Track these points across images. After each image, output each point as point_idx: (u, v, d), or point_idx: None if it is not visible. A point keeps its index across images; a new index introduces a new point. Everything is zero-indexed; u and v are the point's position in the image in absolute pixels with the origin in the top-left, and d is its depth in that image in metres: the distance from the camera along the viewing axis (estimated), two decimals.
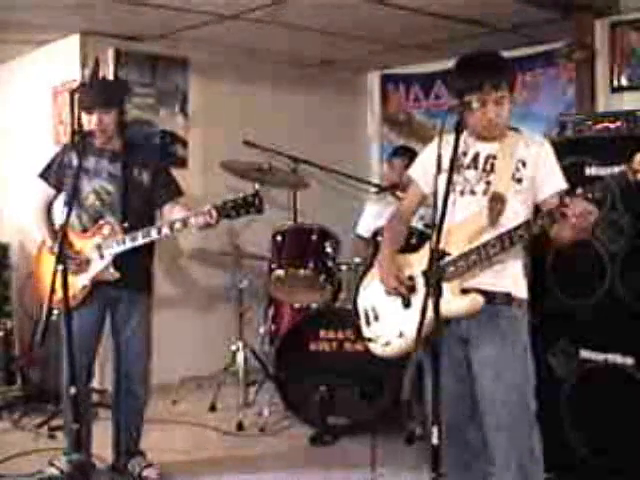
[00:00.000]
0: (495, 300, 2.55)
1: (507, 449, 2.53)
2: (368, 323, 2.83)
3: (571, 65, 4.65)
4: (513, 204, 2.55)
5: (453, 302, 2.54)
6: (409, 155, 4.87)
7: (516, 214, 2.55)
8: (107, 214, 3.40)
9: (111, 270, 3.37)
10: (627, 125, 3.25)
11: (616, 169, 3.22)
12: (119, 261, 3.36)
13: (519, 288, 2.62)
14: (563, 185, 2.60)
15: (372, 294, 2.83)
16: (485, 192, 2.58)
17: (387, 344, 2.71)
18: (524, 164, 2.58)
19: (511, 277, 2.60)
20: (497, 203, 2.53)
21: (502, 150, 2.60)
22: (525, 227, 2.46)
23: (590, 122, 3.34)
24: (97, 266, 3.38)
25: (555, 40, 4.83)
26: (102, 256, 3.37)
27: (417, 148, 5.19)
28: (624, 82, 4.35)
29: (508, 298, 2.58)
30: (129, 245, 3.32)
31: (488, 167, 2.61)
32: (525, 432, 2.54)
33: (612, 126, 3.29)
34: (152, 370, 3.71)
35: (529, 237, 2.48)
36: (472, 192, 2.61)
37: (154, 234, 3.30)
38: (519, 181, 2.57)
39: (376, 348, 2.78)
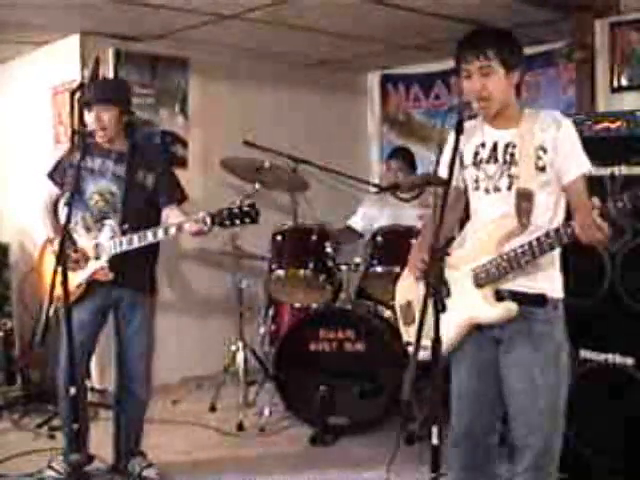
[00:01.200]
0: (529, 302, 2.49)
1: (533, 451, 2.50)
2: (406, 324, 2.77)
3: (571, 65, 4.65)
4: (541, 198, 2.47)
5: (485, 309, 2.50)
6: (405, 156, 4.89)
7: (546, 208, 2.49)
8: (111, 215, 3.41)
9: (106, 271, 3.37)
10: (627, 125, 3.24)
11: (616, 169, 3.25)
12: (120, 262, 3.36)
13: (555, 287, 2.54)
14: (587, 166, 2.49)
15: (406, 290, 2.78)
16: (509, 187, 2.50)
17: (425, 348, 2.62)
18: (544, 150, 2.47)
19: (546, 277, 2.51)
20: (524, 201, 2.44)
21: (521, 136, 2.50)
22: (556, 236, 2.36)
23: (590, 122, 3.33)
24: (93, 266, 3.39)
25: (555, 40, 4.83)
26: (98, 256, 3.37)
27: (417, 148, 5.21)
28: (624, 82, 4.35)
29: (542, 300, 2.50)
30: (125, 247, 3.32)
31: (508, 158, 2.52)
32: (551, 435, 2.52)
33: (612, 126, 3.28)
34: (152, 370, 3.70)
35: (560, 246, 2.40)
36: (496, 189, 2.53)
37: (150, 237, 3.30)
38: (542, 169, 2.47)
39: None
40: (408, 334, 2.76)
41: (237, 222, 3.20)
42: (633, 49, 4.29)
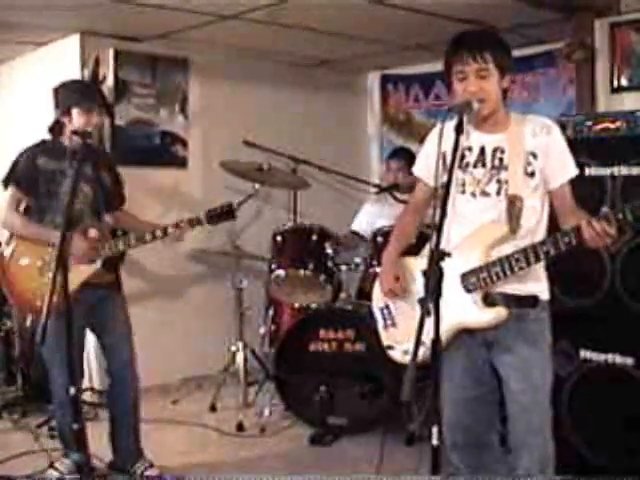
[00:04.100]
0: (522, 304, 2.51)
1: (535, 450, 2.52)
2: (386, 327, 2.77)
3: (571, 65, 4.64)
4: (529, 203, 2.49)
5: (476, 314, 2.51)
6: (406, 157, 4.88)
7: (533, 211, 2.51)
8: (86, 216, 3.39)
9: (102, 272, 3.37)
10: (627, 125, 3.24)
11: (616, 169, 3.25)
12: (109, 262, 3.39)
13: (543, 290, 2.58)
14: (574, 172, 2.53)
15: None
16: (498, 192, 2.50)
17: (407, 352, 2.61)
18: (535, 156, 2.49)
19: (536, 279, 2.55)
20: (515, 206, 2.45)
21: (510, 141, 2.51)
22: (552, 243, 2.37)
23: (590, 122, 3.33)
24: (88, 270, 3.35)
25: (555, 40, 4.82)
26: (93, 260, 3.35)
27: (417, 148, 5.19)
28: (624, 82, 4.34)
29: (534, 301, 2.53)
30: (122, 248, 3.35)
31: (497, 162, 2.52)
32: (549, 434, 2.54)
33: (612, 126, 3.28)
34: (152, 370, 3.71)
35: (556, 254, 2.39)
36: (484, 193, 2.53)
37: (148, 238, 3.33)
38: (532, 175, 2.49)
39: (396, 355, 2.72)
40: (389, 337, 2.75)
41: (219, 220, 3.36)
42: (633, 49, 4.29)
